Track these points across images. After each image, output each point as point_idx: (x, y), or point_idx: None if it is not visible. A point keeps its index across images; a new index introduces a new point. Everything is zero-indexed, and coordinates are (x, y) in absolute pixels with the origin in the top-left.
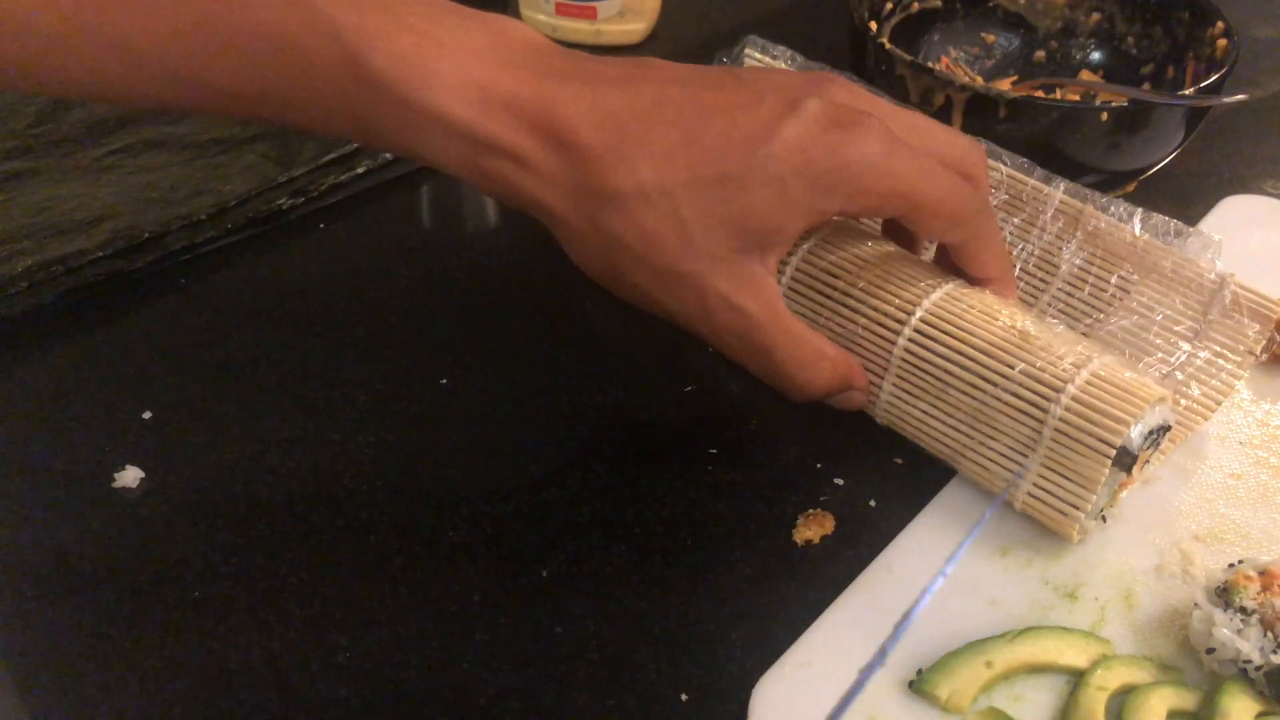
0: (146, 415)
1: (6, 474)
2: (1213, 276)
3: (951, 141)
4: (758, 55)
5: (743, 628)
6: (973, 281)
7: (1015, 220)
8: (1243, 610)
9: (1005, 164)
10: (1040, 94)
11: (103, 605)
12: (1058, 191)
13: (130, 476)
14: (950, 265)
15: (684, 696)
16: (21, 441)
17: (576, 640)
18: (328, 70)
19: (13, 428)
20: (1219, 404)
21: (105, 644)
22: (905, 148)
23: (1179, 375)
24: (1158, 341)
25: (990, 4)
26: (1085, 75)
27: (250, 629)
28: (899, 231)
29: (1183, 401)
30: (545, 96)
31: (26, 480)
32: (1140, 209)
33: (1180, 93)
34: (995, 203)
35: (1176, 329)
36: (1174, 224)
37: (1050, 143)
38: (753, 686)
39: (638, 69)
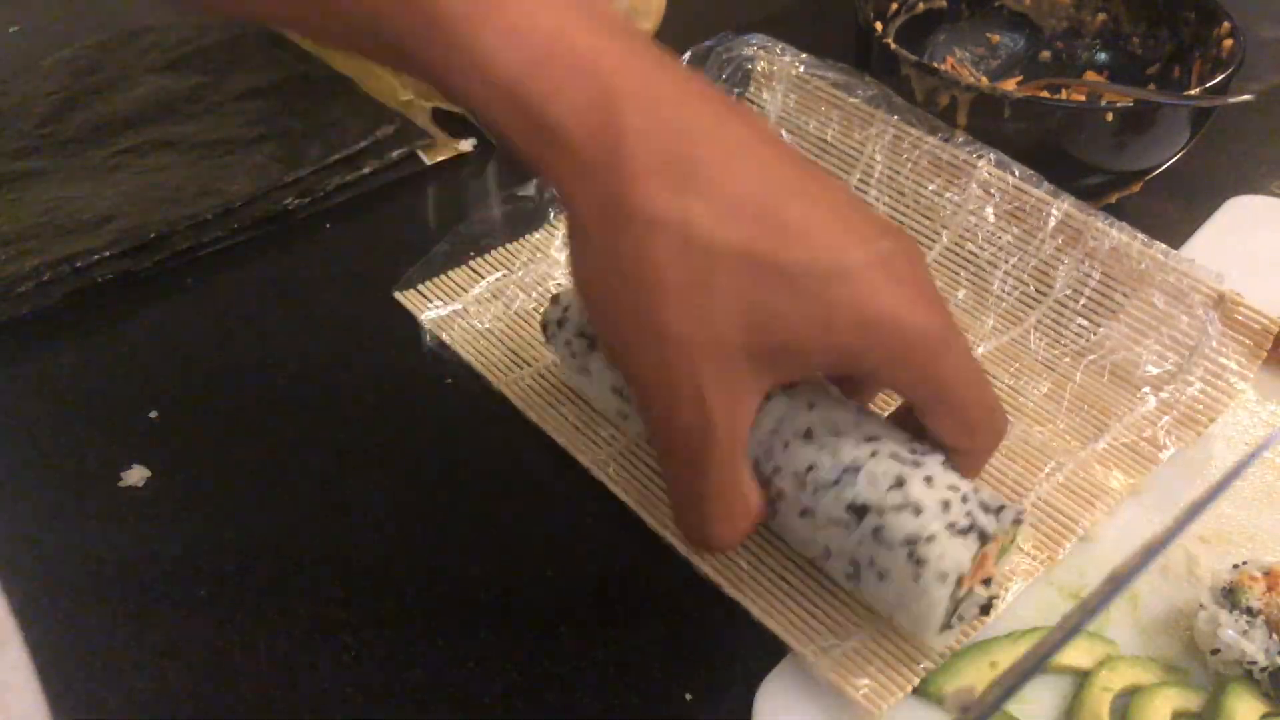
0: (153, 415)
1: (14, 473)
2: (1212, 294)
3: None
4: (761, 53)
5: (748, 628)
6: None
7: (1014, 231)
8: (1248, 611)
9: (1014, 174)
10: (1045, 94)
11: (110, 603)
12: (1063, 205)
13: (137, 475)
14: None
15: (688, 696)
16: (29, 440)
17: (581, 640)
18: None
19: (20, 427)
20: (1214, 417)
21: (113, 642)
22: (964, 341)
23: (1170, 390)
24: (1152, 355)
25: (995, 4)
26: (1090, 75)
27: (257, 628)
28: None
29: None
30: (619, 73)
31: (34, 479)
32: (1142, 234)
33: (1186, 93)
34: (998, 212)
35: (1173, 344)
36: (1174, 253)
37: (1055, 143)
38: (757, 687)
39: (736, 108)
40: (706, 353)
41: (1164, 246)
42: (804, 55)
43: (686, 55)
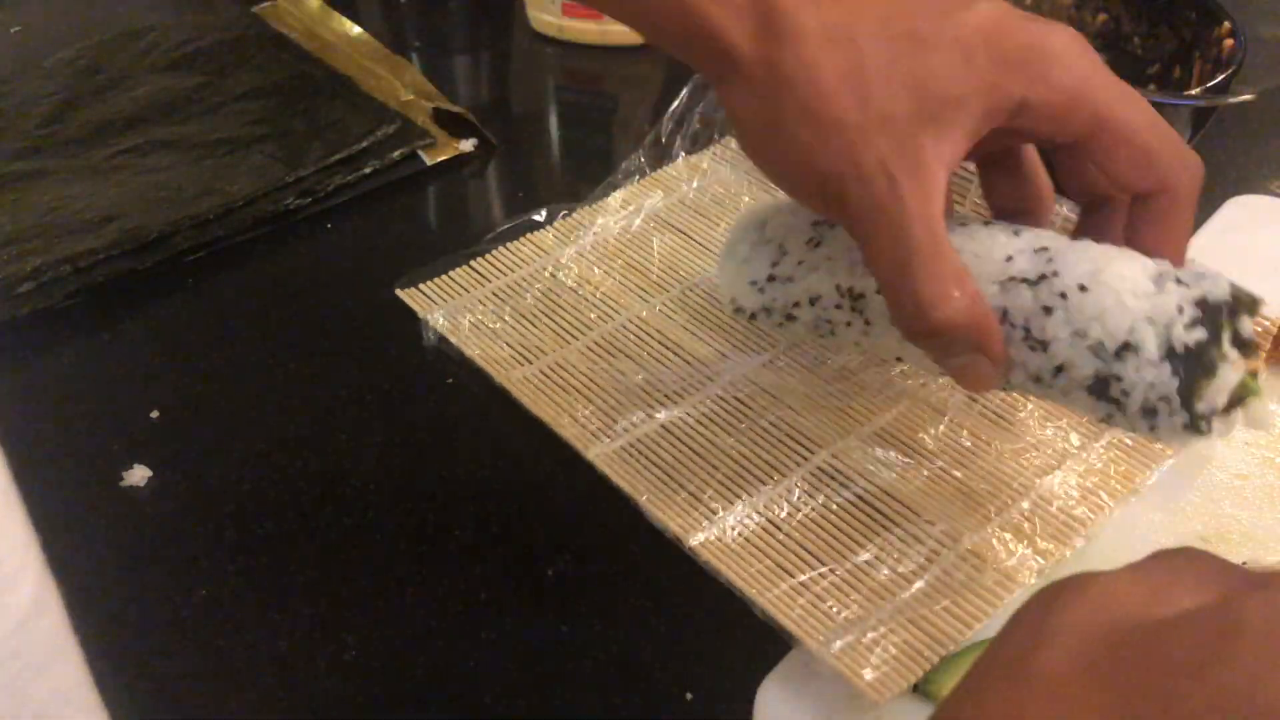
0: (154, 415)
1: (15, 473)
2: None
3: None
4: None
5: (749, 627)
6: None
7: None
8: None
9: None
10: None
11: (110, 604)
12: (1060, 208)
13: (138, 475)
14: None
15: (689, 696)
16: (30, 440)
17: (582, 639)
18: None
19: (21, 426)
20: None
21: (113, 642)
22: (1104, 65)
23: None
24: None
25: None
26: None
27: (257, 628)
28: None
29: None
30: None
31: (35, 479)
32: None
33: (1186, 93)
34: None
35: None
36: None
37: None
38: (758, 686)
39: None
40: (880, 129)
41: None
42: None
43: (686, 89)
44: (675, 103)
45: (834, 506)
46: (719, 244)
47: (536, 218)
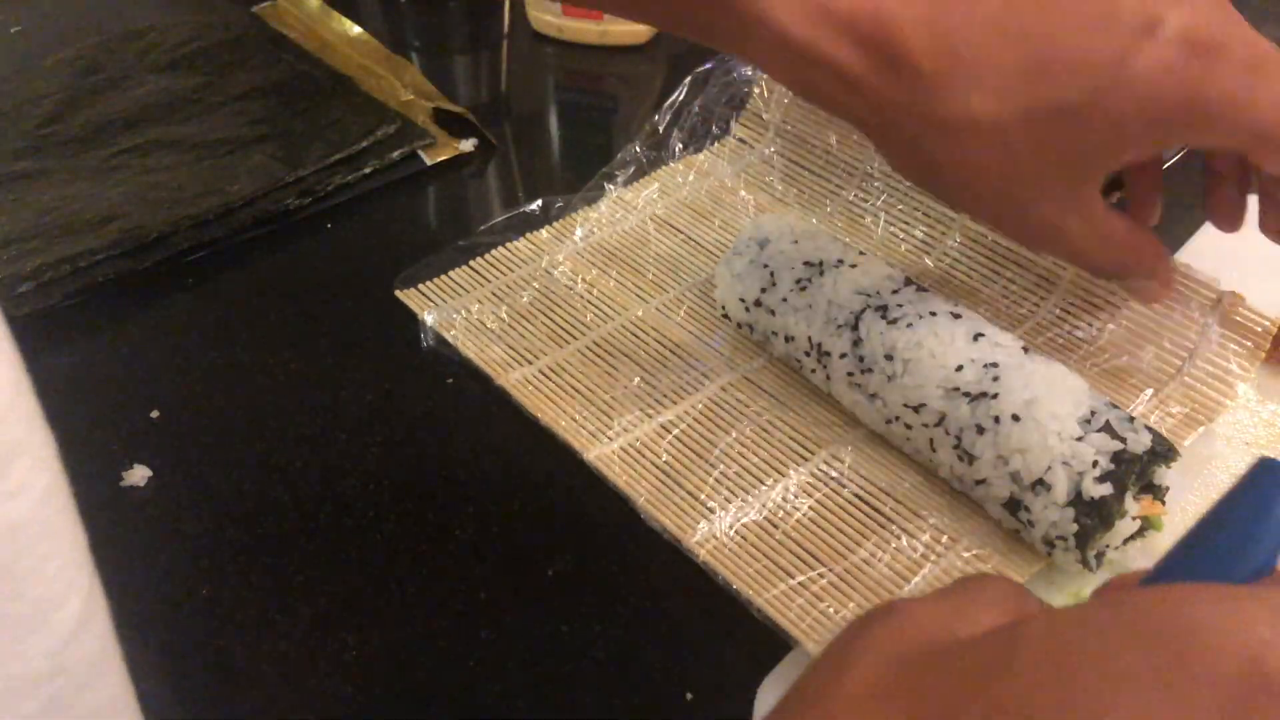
0: (154, 414)
1: None
2: (1210, 296)
3: None
4: (760, 73)
5: (748, 626)
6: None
7: None
8: None
9: None
10: None
11: (110, 603)
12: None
13: (138, 475)
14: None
15: (689, 695)
16: None
17: (582, 639)
18: None
19: None
20: (1213, 418)
21: None
22: (1266, 74)
23: (1169, 391)
24: (1152, 357)
25: None
26: None
27: (257, 627)
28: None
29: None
30: (884, 14)
31: None
32: None
33: None
34: None
35: (1173, 346)
36: (1171, 257)
37: None
38: (758, 686)
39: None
40: (1039, 197)
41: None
42: None
43: (686, 81)
44: (674, 94)
45: (832, 506)
46: (716, 243)
47: (530, 209)
